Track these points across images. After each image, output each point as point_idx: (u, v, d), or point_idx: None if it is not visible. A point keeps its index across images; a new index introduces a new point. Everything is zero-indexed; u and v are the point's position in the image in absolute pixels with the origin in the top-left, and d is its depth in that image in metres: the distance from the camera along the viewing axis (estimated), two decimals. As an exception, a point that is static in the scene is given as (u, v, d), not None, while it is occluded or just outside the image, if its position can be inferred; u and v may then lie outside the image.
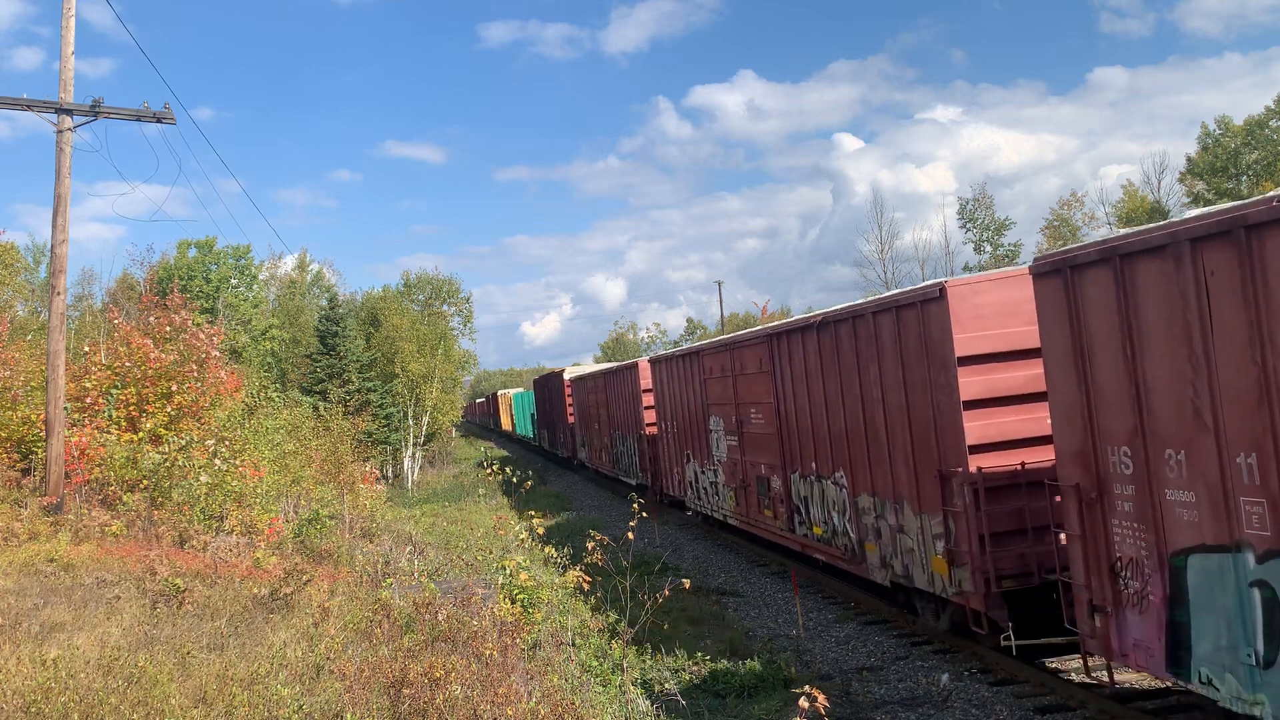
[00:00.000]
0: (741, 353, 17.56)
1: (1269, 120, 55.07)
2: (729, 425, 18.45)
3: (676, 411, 22.39)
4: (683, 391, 21.63)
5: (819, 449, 14.40)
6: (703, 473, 20.82)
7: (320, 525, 17.31)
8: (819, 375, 14.06)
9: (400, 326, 44.01)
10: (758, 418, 16.84)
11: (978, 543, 10.32)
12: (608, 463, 32.95)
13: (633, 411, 27.90)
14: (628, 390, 28.46)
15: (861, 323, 12.72)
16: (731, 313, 73.80)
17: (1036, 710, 9.60)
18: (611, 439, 31.75)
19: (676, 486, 23.40)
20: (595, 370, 36.55)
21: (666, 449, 23.90)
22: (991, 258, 58.92)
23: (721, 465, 19.33)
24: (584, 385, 37.18)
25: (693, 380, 20.71)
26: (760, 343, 16.46)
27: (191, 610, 10.65)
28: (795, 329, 15.00)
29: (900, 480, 11.99)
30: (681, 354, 22.06)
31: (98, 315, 36.88)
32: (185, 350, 20.45)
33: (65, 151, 16.58)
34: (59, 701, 6.96)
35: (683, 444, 22.09)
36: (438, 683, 7.58)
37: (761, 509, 17.10)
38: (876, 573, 12.88)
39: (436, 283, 52.70)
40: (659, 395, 24.15)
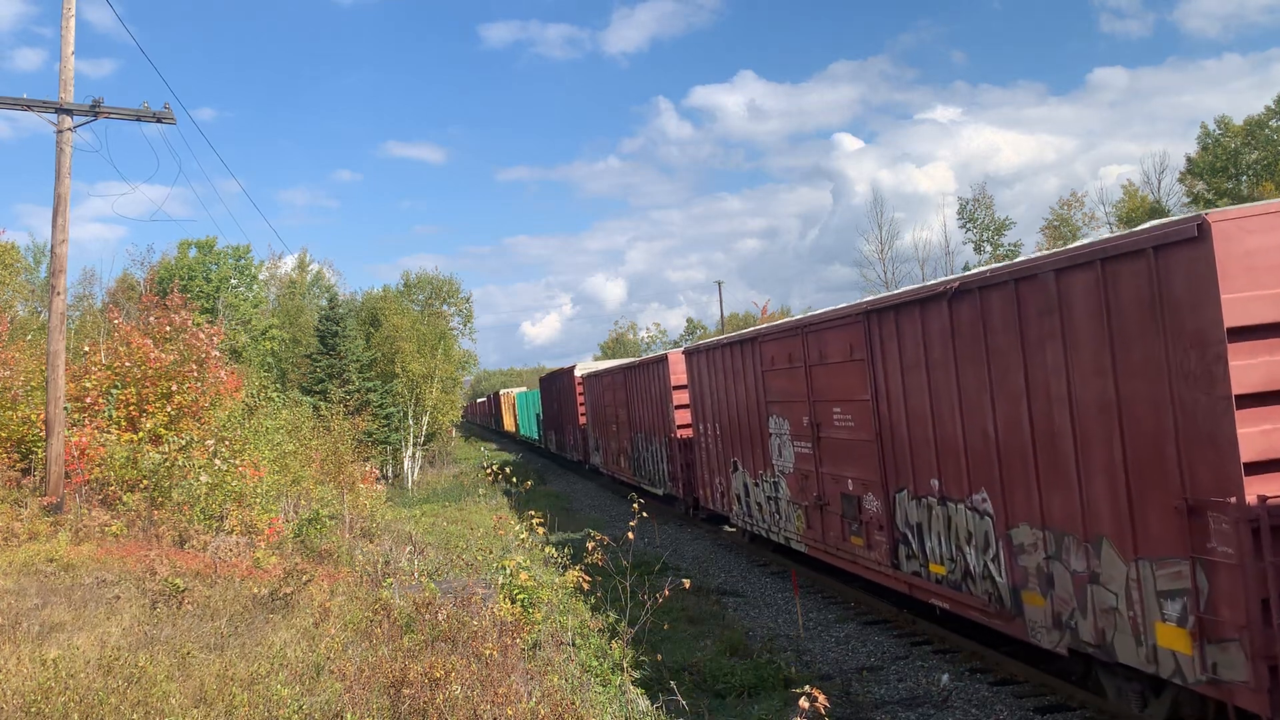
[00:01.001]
0: (820, 336, 13.91)
1: (1269, 120, 55.08)
2: (798, 428, 14.96)
3: (720, 411, 18.94)
4: (729, 387, 18.20)
5: (945, 461, 10.82)
6: (756, 485, 17.33)
7: (320, 525, 17.30)
8: (948, 362, 10.47)
9: (400, 326, 44.01)
10: (843, 419, 13.39)
11: (1258, 610, 6.91)
12: (627, 469, 29.74)
13: (660, 411, 24.69)
14: (654, 387, 25.22)
15: (1031, 287, 9.03)
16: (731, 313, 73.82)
17: (1036, 710, 9.60)
18: (632, 443, 28.51)
19: (718, 500, 19.89)
20: (612, 366, 32.86)
21: (705, 455, 20.53)
22: (991, 258, 58.93)
23: (785, 477, 15.78)
24: (599, 383, 33.78)
25: (744, 373, 17.24)
26: (850, 323, 12.84)
27: (191, 610, 10.65)
28: (908, 302, 11.31)
29: (1098, 509, 8.43)
30: (728, 342, 18.21)
31: (98, 315, 36.87)
32: (185, 350, 20.45)
33: (65, 151, 16.58)
34: (59, 701, 6.96)
35: (728, 449, 18.77)
36: (438, 683, 7.58)
37: (847, 535, 13.51)
38: (1042, 634, 9.32)
39: (436, 283, 52.68)
40: (695, 392, 20.67)
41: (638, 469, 28.19)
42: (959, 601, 10.88)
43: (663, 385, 24.30)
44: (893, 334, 11.78)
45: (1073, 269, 8.57)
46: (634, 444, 28.27)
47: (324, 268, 68.08)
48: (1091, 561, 8.57)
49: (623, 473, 30.65)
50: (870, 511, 12.85)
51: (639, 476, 28.08)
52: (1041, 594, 9.33)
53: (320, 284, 62.28)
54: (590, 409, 35.90)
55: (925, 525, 11.47)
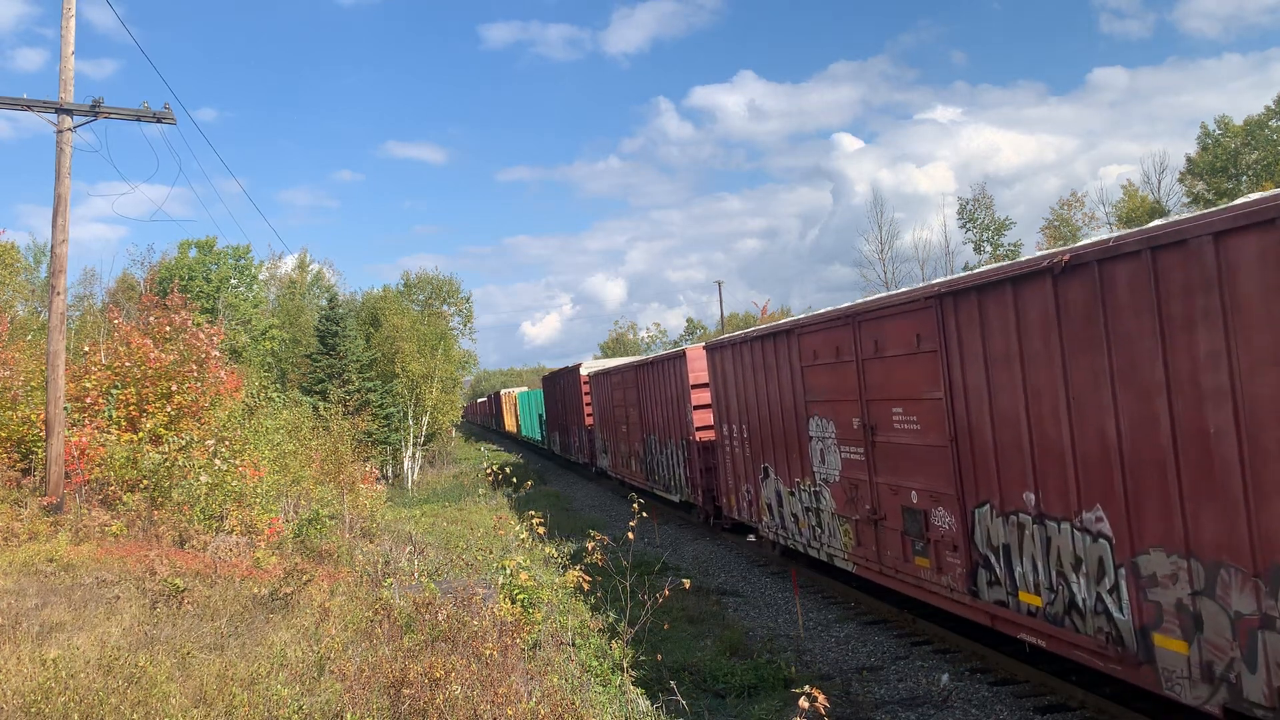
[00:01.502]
0: (877, 326, 12.02)
1: (1269, 120, 55.11)
2: (846, 431, 13.15)
3: (748, 412, 17.12)
4: (760, 385, 16.35)
5: (1044, 471, 9.05)
6: (792, 494, 15.40)
7: (320, 525, 17.31)
8: (1051, 351, 8.71)
9: (400, 326, 44.04)
10: (906, 421, 11.55)
11: None
12: (638, 473, 27.77)
13: (677, 412, 22.88)
14: (670, 385, 23.42)
15: (1176, 257, 7.35)
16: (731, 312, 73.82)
17: (1036, 710, 9.60)
18: (645, 445, 26.64)
19: (745, 508, 18.08)
20: (622, 364, 30.96)
21: (730, 460, 18.70)
22: (991, 258, 58.94)
23: (829, 487, 13.92)
24: (607, 382, 31.95)
25: (779, 369, 15.39)
26: (918, 308, 10.96)
27: (191, 610, 10.65)
28: (995, 281, 9.49)
29: (1277, 535, 6.77)
30: (758, 335, 16.40)
31: (98, 315, 36.88)
32: (185, 350, 20.46)
33: (65, 151, 16.57)
34: (59, 701, 6.96)
35: (758, 454, 16.89)
36: (438, 683, 7.58)
37: (909, 555, 11.73)
38: (1183, 686, 7.61)
39: (437, 283, 52.72)
40: (718, 391, 18.83)
41: (651, 473, 26.34)
42: (1061, 640, 9.08)
43: (680, 384, 22.50)
44: (974, 319, 9.93)
45: (1242, 231, 6.76)
46: (647, 446, 26.46)
47: (324, 268, 68.17)
48: (1265, 602, 6.76)
49: (634, 477, 28.69)
50: (940, 529, 10.97)
51: (652, 481, 26.25)
52: (1183, 637, 7.54)
53: (320, 284, 62.33)
54: (597, 409, 34.15)
55: (1015, 547, 9.66)
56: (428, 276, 53.12)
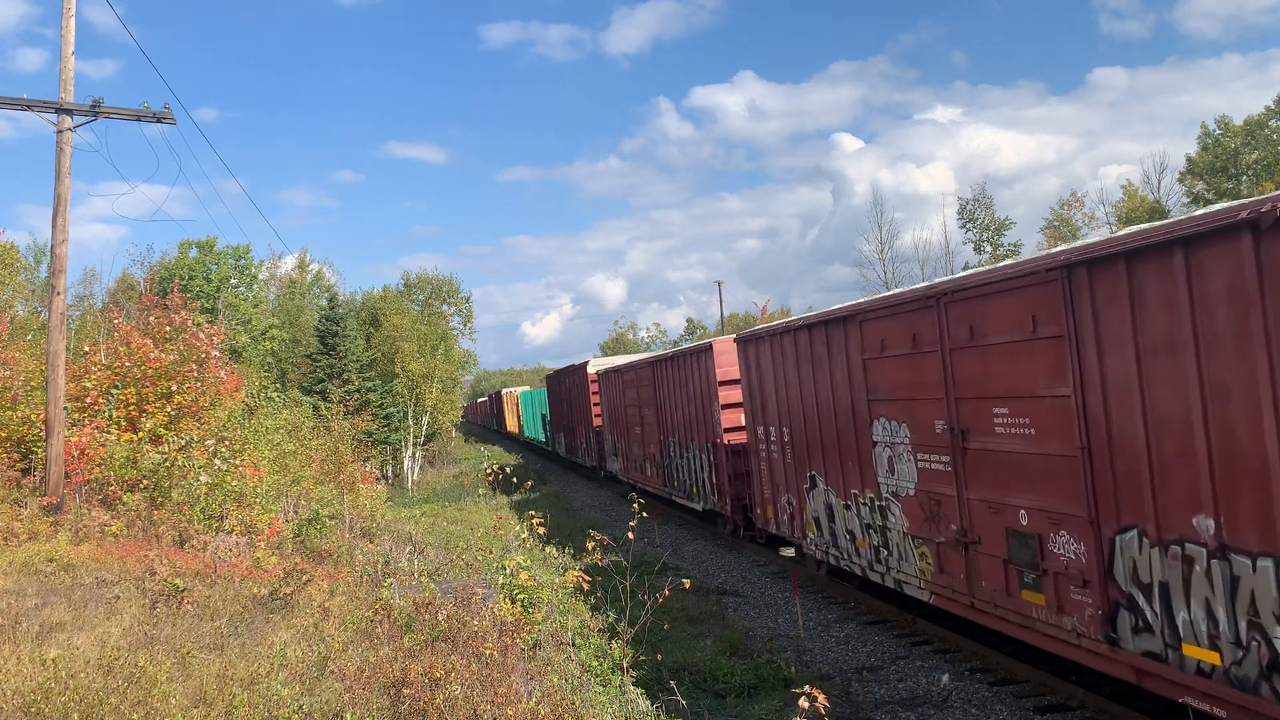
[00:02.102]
0: (973, 307, 9.93)
1: (1269, 120, 55.14)
2: (925, 435, 11.06)
3: (791, 412, 15.04)
4: (807, 381, 14.34)
5: (1229, 490, 7.09)
6: (848, 508, 13.33)
7: (320, 525, 17.32)
8: (1247, 335, 6.77)
9: (400, 326, 44.07)
10: (1013, 423, 9.49)
11: None
12: (654, 478, 25.73)
13: (702, 412, 20.75)
14: (694, 383, 21.25)
15: None
16: (731, 312, 73.81)
17: (1036, 710, 9.60)
18: (662, 448, 24.54)
19: (785, 521, 16.02)
20: (635, 360, 28.68)
21: (767, 466, 16.60)
22: (991, 258, 58.97)
23: (899, 501, 11.89)
24: (618, 380, 29.79)
25: (832, 362, 13.36)
26: (1034, 283, 8.91)
27: (191, 610, 10.65)
28: (1157, 243, 7.44)
29: None
30: (806, 323, 14.31)
31: (98, 315, 36.90)
32: (185, 350, 20.46)
33: (65, 151, 16.58)
34: (59, 701, 6.96)
35: (803, 460, 14.88)
36: (438, 683, 7.58)
37: (1015, 588, 9.68)
38: None
39: (437, 283, 52.76)
40: (753, 388, 16.79)
41: (669, 479, 24.18)
42: (1258, 713, 6.93)
43: (705, 380, 20.34)
44: (1119, 295, 7.94)
45: None
46: (664, 450, 24.33)
47: (324, 268, 68.18)
48: None
49: (648, 483, 26.61)
50: (1063, 558, 8.87)
51: (671, 488, 24.10)
52: None
53: (320, 284, 62.35)
54: (607, 409, 32.14)
55: (1177, 586, 7.64)
56: (428, 276, 53.20)
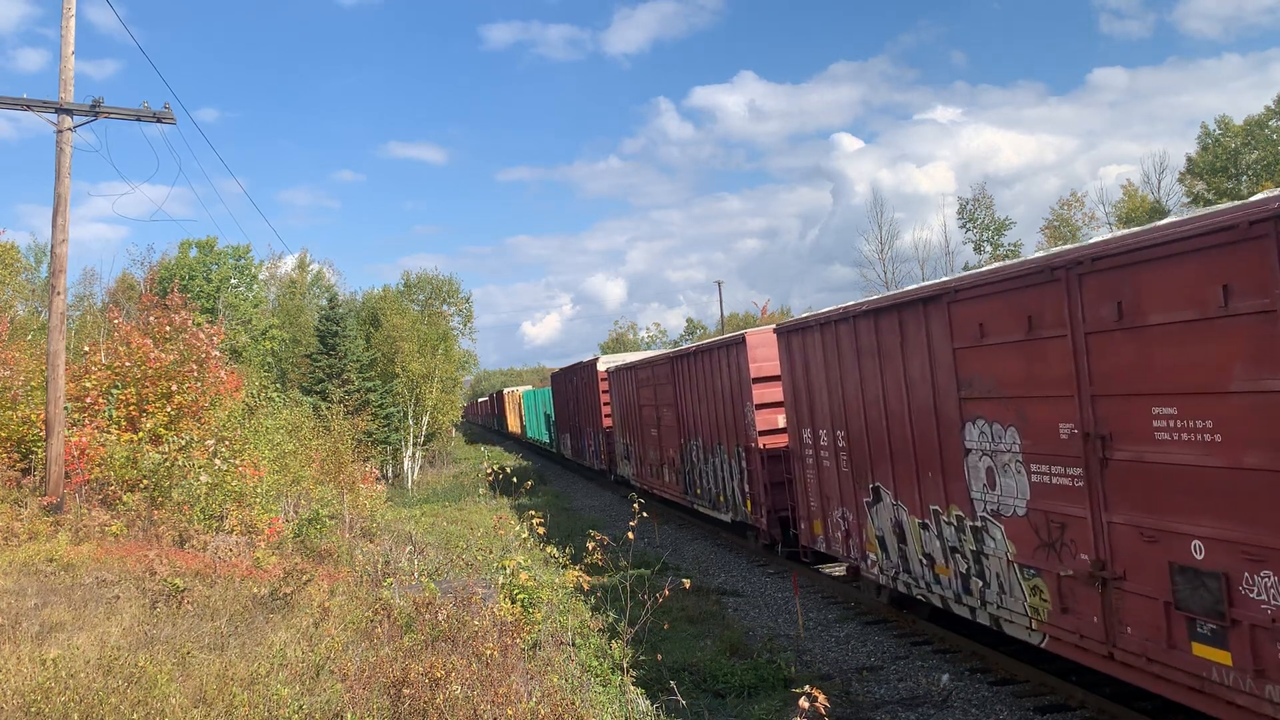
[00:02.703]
0: (1123, 279, 7.97)
1: (1269, 120, 55.12)
2: (1043, 441, 9.04)
3: (848, 412, 13.05)
4: (871, 376, 12.34)
5: None
6: (926, 526, 11.38)
7: (320, 525, 17.31)
8: None
9: (400, 326, 44.07)
10: (1184, 428, 7.49)
11: None
12: (673, 485, 23.78)
13: (732, 411, 18.69)
14: (723, 380, 19.14)
15: None
16: (731, 312, 73.79)
17: (1036, 710, 9.60)
18: (683, 452, 22.51)
19: (840, 539, 13.97)
20: (652, 356, 26.77)
21: (815, 474, 14.62)
22: (992, 258, 58.98)
23: (1003, 521, 9.79)
24: (631, 378, 27.67)
25: (907, 353, 11.33)
26: (1226, 241, 6.91)
27: (191, 610, 10.65)
28: None
29: None
30: (872, 308, 12.24)
31: (98, 315, 36.90)
32: (185, 350, 20.45)
33: (65, 151, 16.57)
34: (59, 701, 6.96)
35: (864, 469, 12.90)
36: (438, 682, 7.58)
37: (1183, 639, 7.65)
38: None
39: (437, 282, 52.76)
40: (797, 385, 14.88)
41: (691, 486, 22.15)
42: None
43: (736, 377, 18.28)
44: None
45: None
46: (685, 454, 22.32)
47: (324, 268, 68.14)
48: None
49: (667, 489, 24.47)
50: (1265, 606, 6.82)
51: (693, 496, 22.04)
52: None
53: (320, 284, 62.33)
54: (618, 409, 30.05)
55: None
56: (428, 276, 53.20)
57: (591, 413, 34.56)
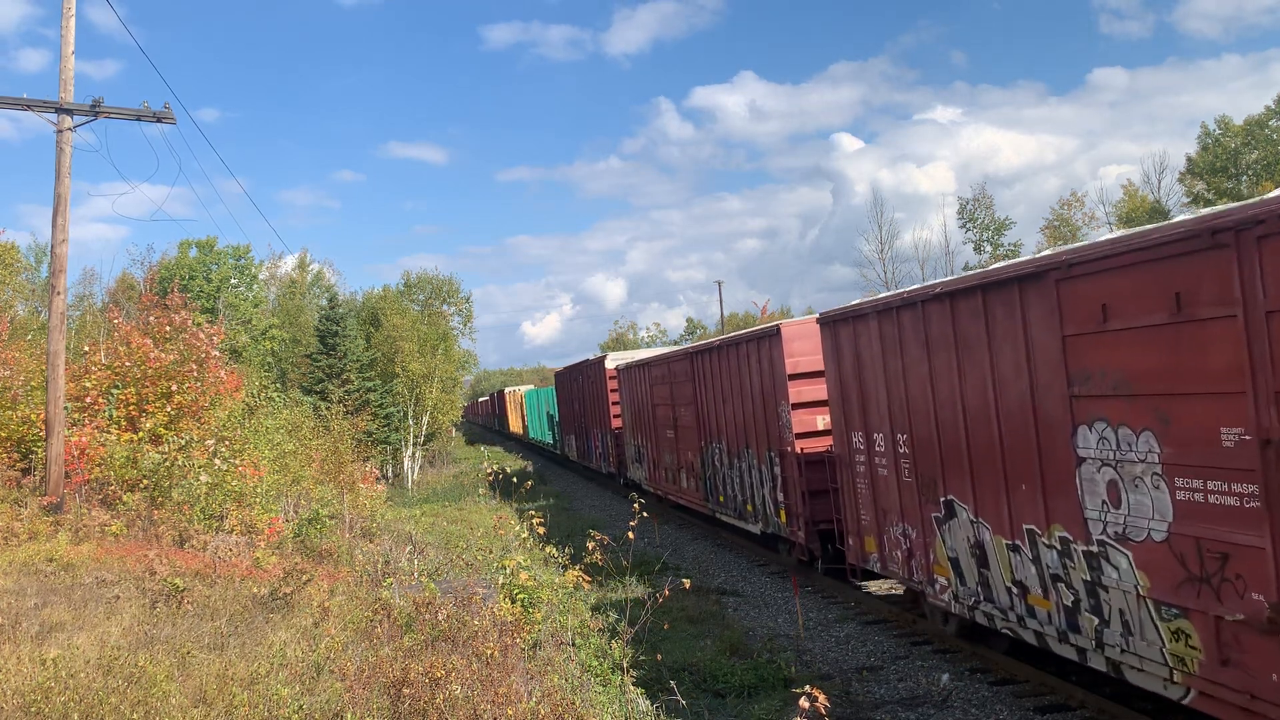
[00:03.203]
0: None
1: (1269, 120, 55.15)
2: (1193, 448, 7.33)
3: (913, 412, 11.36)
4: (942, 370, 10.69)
5: None
6: (1018, 548, 9.62)
7: (320, 525, 17.30)
8: None
9: (400, 326, 44.08)
10: None
11: None
12: (693, 492, 22.06)
13: (764, 412, 16.96)
14: (753, 377, 17.36)
15: None
16: (731, 312, 73.78)
17: (1036, 710, 9.60)
18: (704, 456, 20.85)
19: (900, 559, 12.26)
20: (669, 353, 25.12)
21: (868, 483, 12.91)
22: (991, 258, 58.99)
23: (1130, 546, 8.10)
24: (643, 376, 25.94)
25: (994, 343, 9.65)
26: None
27: (191, 610, 10.65)
28: None
29: None
30: (947, 290, 10.54)
31: (98, 315, 36.90)
32: (185, 350, 20.45)
33: (65, 151, 16.57)
34: (58, 701, 6.96)
35: (932, 479, 11.23)
36: (438, 682, 7.58)
37: None
38: None
39: (436, 282, 52.77)
40: (844, 382, 13.23)
41: (713, 493, 20.51)
42: None
43: (770, 373, 16.52)
44: None
45: None
46: (707, 458, 20.70)
47: (324, 268, 68.12)
48: None
49: (685, 496, 22.85)
50: None
51: (715, 504, 20.48)
52: None
53: (320, 284, 62.35)
54: (629, 409, 28.42)
55: None
56: (428, 276, 53.20)
57: (599, 413, 33.09)
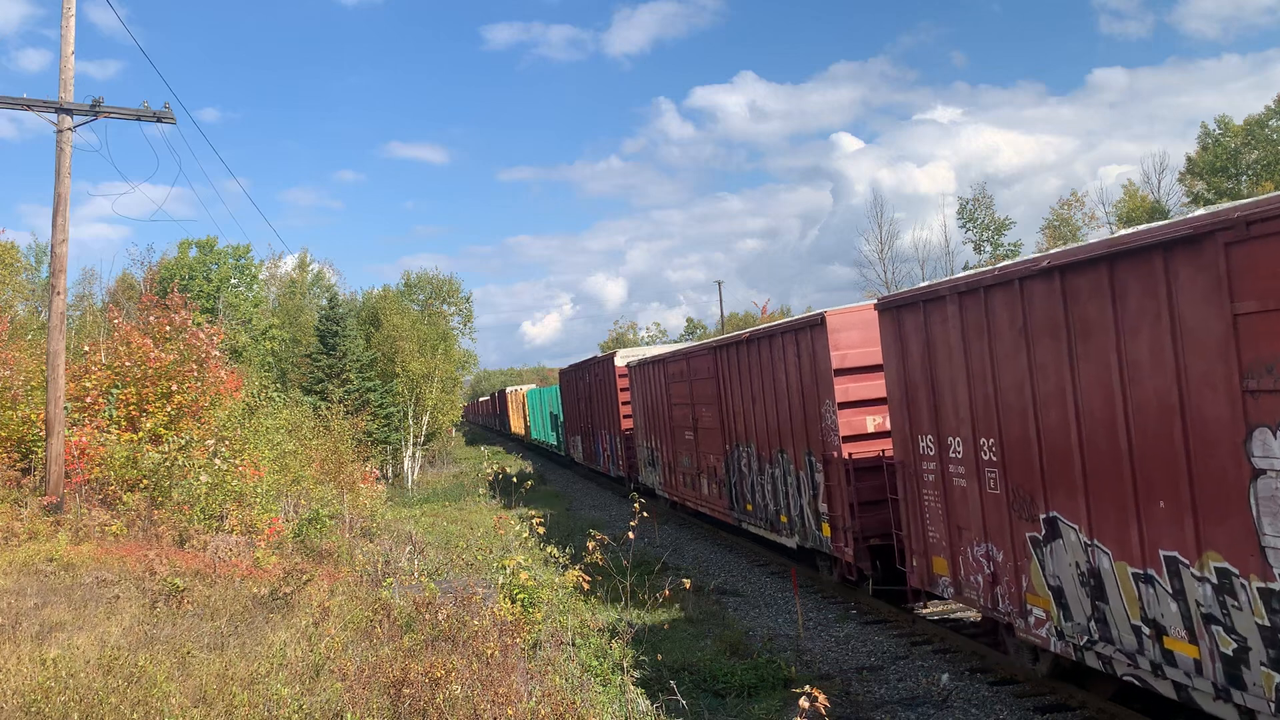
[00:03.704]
0: None
1: (1269, 120, 55.15)
2: None
3: (1004, 411, 9.70)
4: (1051, 361, 9.01)
5: None
6: (1152, 580, 8.00)
7: (320, 525, 17.30)
8: None
9: (400, 326, 44.09)
10: None
11: None
12: (716, 499, 20.27)
13: (802, 412, 15.25)
14: (789, 372, 15.67)
15: None
16: (731, 312, 73.77)
17: (1036, 710, 9.60)
18: (729, 461, 19.10)
19: (981, 585, 10.48)
20: (688, 347, 23.12)
21: (941, 496, 11.15)
22: (992, 257, 58.99)
23: None
24: (658, 373, 23.97)
25: (1124, 327, 8.08)
26: None
27: (191, 610, 10.64)
28: None
29: None
30: (1055, 264, 8.86)
31: (98, 315, 36.90)
32: (185, 350, 20.45)
33: (65, 151, 16.57)
34: (59, 701, 6.96)
35: (1029, 491, 9.53)
36: (438, 682, 7.58)
37: None
38: None
39: (437, 282, 52.82)
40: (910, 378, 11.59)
41: (739, 500, 18.72)
42: None
43: (811, 368, 14.85)
44: None
45: None
46: (732, 462, 18.99)
47: (324, 268, 68.12)
48: None
49: (706, 503, 20.98)
50: None
51: (741, 513, 18.74)
52: None
53: (321, 284, 62.36)
54: (641, 409, 26.69)
55: None
56: (428, 276, 53.32)
57: (607, 413, 31.52)
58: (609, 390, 30.83)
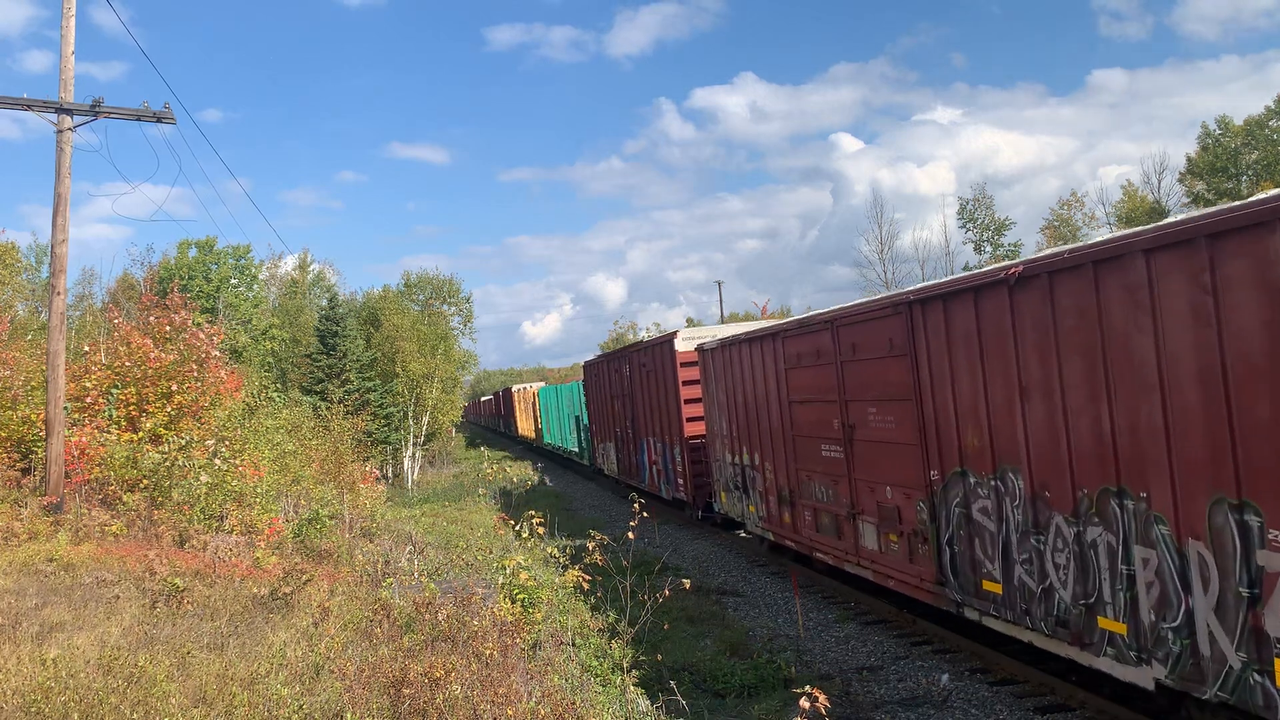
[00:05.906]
0: None
1: (1269, 120, 55.15)
2: None
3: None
4: None
5: None
6: None
7: (320, 525, 17.29)
8: None
9: (400, 326, 44.09)
10: None
11: None
12: (900, 559, 11.96)
13: (1200, 414, 6.94)
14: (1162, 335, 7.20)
15: None
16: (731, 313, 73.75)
17: (1036, 710, 9.60)
18: (935, 498, 10.75)
19: None
20: (826, 313, 13.81)
21: None
22: (991, 258, 58.99)
23: None
24: (760, 355, 16.30)
25: None
26: None
27: (191, 610, 10.64)
28: None
29: None
30: None
31: (98, 315, 36.88)
32: (185, 350, 20.44)
33: (65, 151, 16.56)
34: (59, 701, 6.96)
35: None
36: (438, 682, 7.57)
37: None
38: None
39: (437, 282, 52.80)
40: None
41: (964, 570, 10.39)
42: None
43: None
44: None
45: None
46: (944, 501, 10.67)
47: (325, 268, 68.12)
48: None
49: (879, 563, 12.67)
50: None
51: (971, 595, 10.31)
52: None
53: (321, 284, 62.36)
54: (724, 408, 18.85)
55: None
56: (428, 276, 53.28)
57: (660, 414, 24.00)
58: (664, 383, 23.38)
